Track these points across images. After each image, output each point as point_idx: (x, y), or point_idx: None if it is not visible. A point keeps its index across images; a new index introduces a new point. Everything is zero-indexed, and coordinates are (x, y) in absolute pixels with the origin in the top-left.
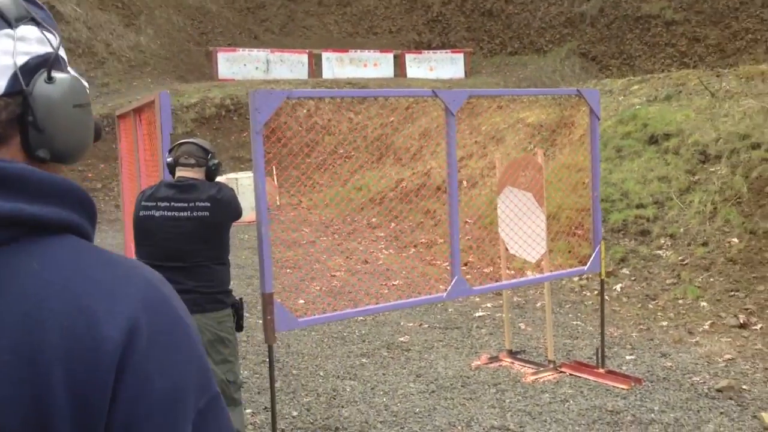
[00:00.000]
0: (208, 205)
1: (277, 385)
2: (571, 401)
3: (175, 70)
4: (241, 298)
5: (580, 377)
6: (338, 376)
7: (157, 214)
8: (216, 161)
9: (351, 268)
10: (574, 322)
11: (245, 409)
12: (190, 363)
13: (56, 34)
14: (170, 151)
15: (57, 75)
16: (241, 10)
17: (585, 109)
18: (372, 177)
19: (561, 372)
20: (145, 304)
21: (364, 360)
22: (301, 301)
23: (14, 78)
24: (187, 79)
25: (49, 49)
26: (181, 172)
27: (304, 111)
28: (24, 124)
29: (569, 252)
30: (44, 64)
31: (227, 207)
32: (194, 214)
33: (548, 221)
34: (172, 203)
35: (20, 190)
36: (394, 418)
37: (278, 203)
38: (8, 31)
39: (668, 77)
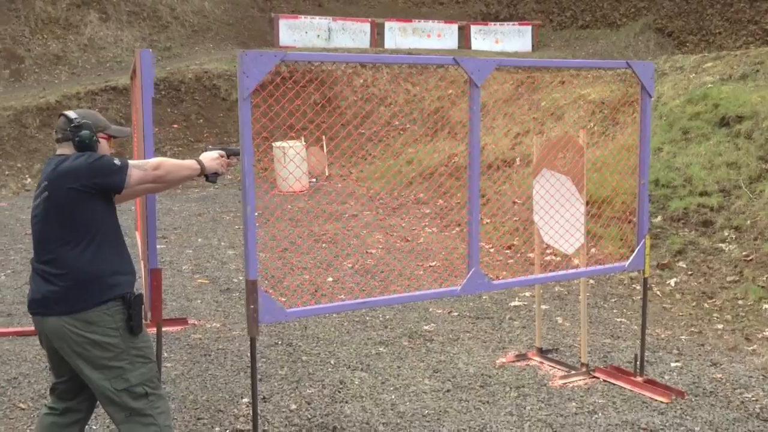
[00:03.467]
0: (46, 183)
1: (282, 372)
2: (600, 413)
3: (238, 36)
4: (140, 294)
5: (614, 385)
6: (349, 366)
7: (34, 204)
8: (84, 131)
9: (389, 246)
10: (618, 319)
11: (249, 399)
12: None
13: None
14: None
15: None
16: None
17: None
18: (425, 151)
19: (594, 377)
20: None
21: (381, 349)
22: (330, 279)
23: None
24: (249, 46)
25: None
26: (57, 151)
27: (361, 81)
28: None
29: (621, 240)
30: None
31: (66, 176)
32: (42, 194)
33: (602, 206)
34: (36, 192)
35: None
36: (399, 420)
37: (327, 173)
38: None
39: (746, 54)
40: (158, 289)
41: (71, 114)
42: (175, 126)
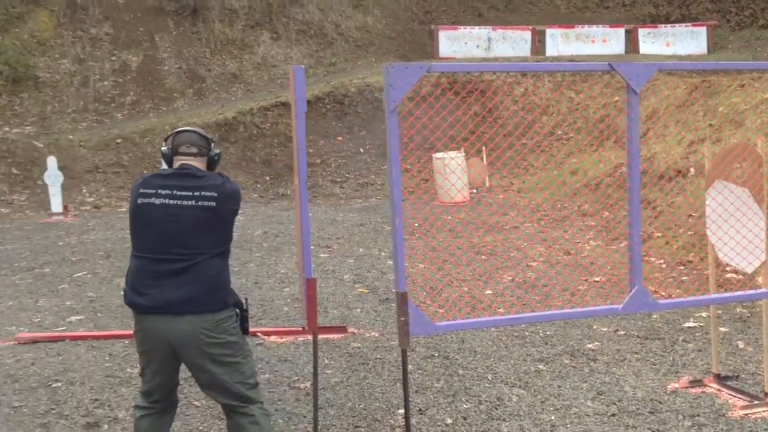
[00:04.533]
0: (215, 194)
1: (439, 385)
2: None
3: (399, 50)
4: (246, 299)
5: None
6: (507, 383)
7: (157, 201)
8: (218, 151)
9: (551, 259)
10: None
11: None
12: None
13: None
14: (166, 140)
15: None
16: None
17: None
18: (590, 161)
19: None
20: None
21: (540, 366)
22: (488, 292)
23: None
24: (410, 58)
25: None
26: (182, 161)
27: (521, 90)
28: None
29: None
30: None
31: (232, 198)
32: (199, 203)
33: None
34: (175, 191)
35: None
36: None
37: (487, 185)
38: None
39: None
40: (313, 298)
41: (204, 132)
42: (339, 138)
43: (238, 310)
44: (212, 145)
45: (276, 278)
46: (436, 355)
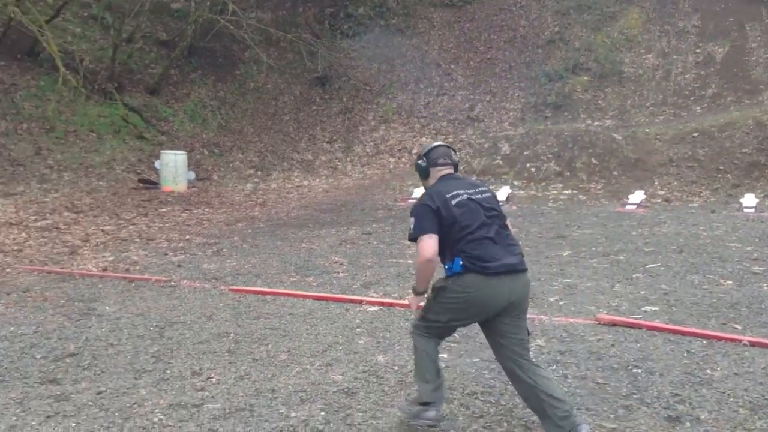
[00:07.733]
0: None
1: None
2: None
3: None
4: None
5: None
6: None
7: (465, 197)
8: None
9: None
10: None
11: None
12: None
13: None
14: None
15: None
16: None
17: None
18: None
19: None
20: None
21: None
22: None
23: None
24: None
25: None
26: (445, 171)
27: None
28: None
29: None
30: None
31: None
32: (484, 195)
33: None
34: (467, 189)
35: None
36: None
37: None
38: None
39: None
40: None
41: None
42: None
43: None
44: (457, 154)
45: None
46: None
